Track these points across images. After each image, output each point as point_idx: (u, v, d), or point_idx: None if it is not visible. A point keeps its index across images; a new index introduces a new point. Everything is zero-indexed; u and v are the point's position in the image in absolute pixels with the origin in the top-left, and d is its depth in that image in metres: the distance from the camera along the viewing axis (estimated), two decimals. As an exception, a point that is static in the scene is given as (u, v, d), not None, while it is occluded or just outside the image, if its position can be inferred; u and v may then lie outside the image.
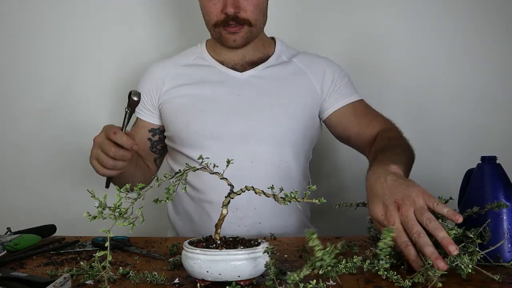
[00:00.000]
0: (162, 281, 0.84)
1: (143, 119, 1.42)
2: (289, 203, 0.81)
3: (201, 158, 0.87)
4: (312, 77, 1.38)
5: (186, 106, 1.34)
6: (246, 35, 1.31)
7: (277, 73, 1.37)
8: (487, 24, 1.67)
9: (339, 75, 1.40)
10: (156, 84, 1.39)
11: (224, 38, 1.32)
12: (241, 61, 1.38)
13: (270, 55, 1.40)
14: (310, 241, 0.75)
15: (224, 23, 1.29)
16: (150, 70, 1.43)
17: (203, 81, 1.36)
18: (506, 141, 1.65)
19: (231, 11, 1.26)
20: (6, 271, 0.84)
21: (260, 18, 1.32)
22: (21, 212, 1.72)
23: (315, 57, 1.43)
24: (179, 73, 1.39)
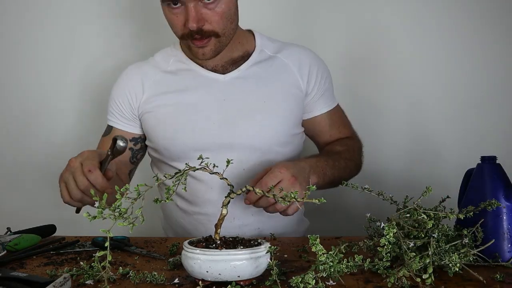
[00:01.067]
0: (162, 281, 0.84)
1: (120, 128, 1.34)
2: (288, 203, 0.80)
3: (200, 158, 0.87)
4: (298, 74, 1.33)
5: (170, 117, 1.28)
6: (215, 47, 1.23)
7: (261, 71, 1.31)
8: (487, 24, 1.67)
9: (322, 77, 1.35)
10: (134, 90, 1.32)
11: (193, 51, 1.24)
12: (220, 62, 1.31)
13: (250, 51, 1.34)
14: (313, 247, 0.75)
15: (189, 36, 1.21)
16: (126, 76, 1.35)
17: (185, 87, 1.29)
18: (506, 141, 1.65)
19: (194, 26, 1.17)
20: (6, 271, 0.84)
21: (228, 26, 1.23)
22: (21, 212, 1.72)
23: (301, 51, 1.36)
24: (159, 79, 1.32)
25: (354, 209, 1.64)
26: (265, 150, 1.28)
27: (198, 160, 1.20)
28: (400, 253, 0.85)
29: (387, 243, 0.81)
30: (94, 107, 1.74)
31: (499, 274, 0.83)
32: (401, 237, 0.84)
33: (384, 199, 0.94)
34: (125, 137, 1.04)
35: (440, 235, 0.86)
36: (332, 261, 0.78)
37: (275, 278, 0.77)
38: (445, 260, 0.82)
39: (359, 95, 1.58)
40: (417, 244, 0.84)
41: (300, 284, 0.75)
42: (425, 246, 0.85)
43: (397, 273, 0.79)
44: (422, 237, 0.86)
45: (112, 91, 1.36)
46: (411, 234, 0.87)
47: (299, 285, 0.75)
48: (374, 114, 1.70)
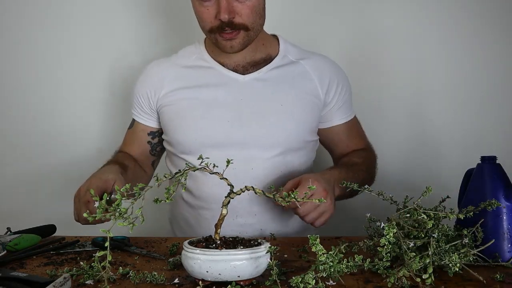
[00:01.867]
0: (162, 281, 0.84)
1: (141, 122, 1.38)
2: (289, 203, 0.81)
3: (200, 158, 0.87)
4: (318, 83, 1.33)
5: (186, 112, 1.29)
6: (243, 40, 1.24)
7: (282, 75, 1.32)
8: (487, 24, 1.67)
9: (342, 88, 1.37)
10: (154, 86, 1.34)
11: (221, 44, 1.25)
12: (242, 62, 1.32)
13: (273, 55, 1.35)
14: (313, 247, 0.76)
15: (219, 29, 1.22)
16: (147, 71, 1.38)
17: (203, 84, 1.31)
18: (506, 141, 1.65)
19: (226, 17, 1.19)
20: (6, 271, 0.84)
21: (257, 20, 1.25)
22: (21, 212, 1.72)
23: (324, 62, 1.38)
24: (179, 74, 1.34)
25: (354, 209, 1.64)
26: (275, 152, 1.28)
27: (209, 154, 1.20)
28: (400, 253, 0.85)
29: (387, 243, 0.81)
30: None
31: (499, 274, 0.83)
32: (401, 237, 0.84)
33: (384, 199, 0.94)
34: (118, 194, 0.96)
35: (440, 235, 0.86)
36: (332, 261, 0.78)
37: (275, 278, 0.77)
38: (445, 260, 0.82)
39: (359, 95, 1.57)
40: (417, 244, 0.84)
41: (300, 284, 0.75)
42: (425, 246, 0.85)
43: (397, 273, 0.79)
44: (422, 237, 0.86)
45: (134, 86, 1.39)
46: (411, 234, 0.87)
47: (299, 285, 0.75)
48: (374, 114, 1.70)
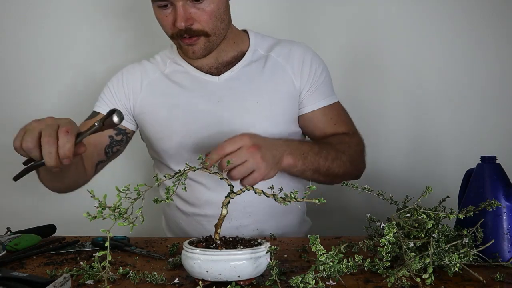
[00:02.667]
0: (162, 281, 0.84)
1: None
2: (289, 203, 0.81)
3: (200, 158, 0.87)
4: (291, 71, 1.31)
5: (168, 120, 1.28)
6: (205, 46, 1.23)
7: (254, 71, 1.31)
8: (487, 24, 1.67)
9: (317, 70, 1.33)
10: (133, 85, 1.33)
11: (184, 50, 1.25)
12: (215, 63, 1.31)
13: (244, 51, 1.34)
14: (313, 247, 0.76)
15: (179, 36, 1.21)
16: (126, 70, 1.36)
17: (181, 89, 1.30)
18: (506, 141, 1.65)
19: (182, 25, 1.18)
20: (6, 271, 0.84)
21: (219, 25, 1.23)
22: (21, 212, 1.72)
23: (294, 47, 1.34)
24: (156, 79, 1.33)
25: (354, 209, 1.64)
26: None
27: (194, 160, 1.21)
28: (400, 253, 0.85)
29: (387, 243, 0.81)
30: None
31: (499, 274, 0.83)
32: (401, 237, 0.84)
33: (384, 199, 0.94)
34: (123, 114, 0.95)
35: (440, 235, 0.86)
36: (332, 261, 0.78)
37: (275, 278, 0.77)
38: (445, 260, 0.82)
39: (359, 95, 1.58)
40: (417, 244, 0.84)
41: (300, 284, 0.75)
42: (425, 246, 0.85)
43: (397, 273, 0.79)
44: (422, 237, 0.86)
45: (109, 82, 1.36)
46: (411, 234, 0.87)
47: (299, 285, 0.75)
48: (374, 114, 1.70)
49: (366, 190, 0.97)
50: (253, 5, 1.70)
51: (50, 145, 0.90)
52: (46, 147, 0.90)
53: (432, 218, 0.87)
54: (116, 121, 0.93)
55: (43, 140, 0.91)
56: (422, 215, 0.87)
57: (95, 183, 1.25)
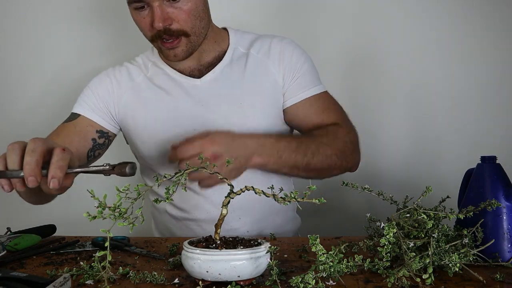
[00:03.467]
0: (162, 281, 0.84)
1: (89, 117, 1.28)
2: (289, 203, 0.80)
3: (200, 159, 0.87)
4: (272, 66, 1.28)
5: (153, 126, 1.27)
6: (186, 47, 1.21)
7: (236, 71, 1.28)
8: (487, 24, 1.67)
9: (297, 61, 1.29)
10: (117, 88, 1.30)
11: (165, 53, 1.22)
12: (197, 65, 1.29)
13: (225, 50, 1.31)
14: (313, 247, 0.76)
15: (158, 38, 1.18)
16: (108, 72, 1.33)
17: (164, 93, 1.28)
18: (506, 141, 1.65)
19: (160, 25, 1.15)
20: (6, 271, 0.84)
21: (198, 24, 1.20)
22: (21, 212, 1.72)
23: (273, 41, 1.31)
24: (141, 82, 1.30)
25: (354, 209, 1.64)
26: None
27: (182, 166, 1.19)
28: (400, 253, 0.85)
29: (387, 243, 0.81)
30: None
31: (499, 274, 0.83)
32: (401, 237, 0.84)
33: (384, 199, 0.94)
34: (135, 166, 0.91)
35: (440, 235, 0.86)
36: (332, 261, 0.78)
37: (275, 278, 0.77)
38: (445, 260, 0.82)
39: (359, 95, 1.58)
40: (417, 244, 0.84)
41: (300, 284, 0.75)
42: (425, 246, 0.85)
43: (397, 273, 0.79)
44: (422, 237, 0.86)
45: (90, 83, 1.32)
46: (411, 234, 0.87)
47: (299, 285, 0.75)
48: (374, 114, 1.70)
49: (366, 190, 0.97)
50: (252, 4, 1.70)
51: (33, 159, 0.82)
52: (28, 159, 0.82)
53: (432, 218, 0.87)
54: (128, 173, 0.89)
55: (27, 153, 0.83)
56: (422, 215, 0.87)
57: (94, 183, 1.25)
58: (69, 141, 1.23)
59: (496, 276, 0.83)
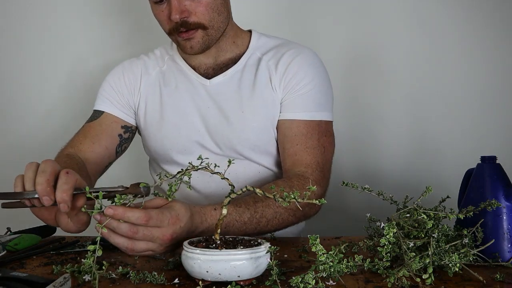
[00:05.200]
0: (162, 281, 0.84)
1: (113, 113, 1.30)
2: (288, 203, 0.80)
3: (200, 159, 0.87)
4: (275, 77, 1.25)
5: (160, 122, 1.28)
6: (202, 40, 1.20)
7: (245, 78, 1.27)
8: (487, 24, 1.67)
9: (302, 79, 1.23)
10: (134, 81, 1.31)
11: (181, 45, 1.23)
12: (213, 64, 1.29)
13: (242, 54, 1.30)
14: (313, 247, 0.76)
15: (176, 30, 1.19)
16: (125, 65, 1.34)
17: (174, 90, 1.29)
18: (506, 141, 1.65)
19: (177, 17, 1.15)
20: (6, 271, 0.84)
21: (216, 17, 1.20)
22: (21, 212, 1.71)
23: (288, 52, 1.26)
24: (155, 76, 1.32)
25: (354, 209, 1.64)
26: (246, 156, 1.27)
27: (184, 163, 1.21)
28: (400, 253, 0.85)
29: (387, 243, 0.81)
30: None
31: (499, 274, 0.83)
32: (401, 237, 0.84)
33: (384, 199, 0.94)
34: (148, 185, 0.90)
35: (440, 235, 0.86)
36: (332, 261, 0.78)
37: (275, 278, 0.77)
38: (445, 260, 0.82)
39: (359, 95, 1.58)
40: (417, 244, 0.84)
41: (300, 284, 0.75)
42: (425, 246, 0.85)
43: (397, 273, 0.79)
44: (422, 237, 0.86)
45: (108, 77, 1.34)
46: (411, 234, 0.87)
47: (299, 285, 0.75)
48: (374, 114, 1.70)
49: (366, 190, 0.97)
50: (253, 4, 1.70)
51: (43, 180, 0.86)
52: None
53: (432, 218, 0.87)
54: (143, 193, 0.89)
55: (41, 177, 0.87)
56: (422, 215, 0.87)
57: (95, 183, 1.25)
58: (97, 140, 1.26)
59: (496, 276, 0.83)
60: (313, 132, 1.21)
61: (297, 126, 1.22)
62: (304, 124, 1.22)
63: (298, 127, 1.22)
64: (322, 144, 1.21)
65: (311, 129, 1.21)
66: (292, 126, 1.22)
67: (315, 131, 1.21)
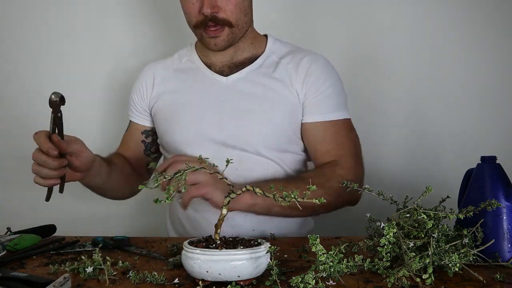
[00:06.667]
0: (162, 281, 0.84)
1: (135, 121, 1.41)
2: (288, 203, 0.80)
3: (200, 159, 0.87)
4: (297, 81, 1.30)
5: (172, 116, 1.32)
6: (227, 37, 1.26)
7: (262, 77, 1.31)
8: (487, 24, 1.67)
9: (323, 83, 1.29)
10: (146, 87, 1.38)
11: (205, 41, 1.27)
12: (229, 62, 1.33)
13: (259, 55, 1.34)
14: (313, 247, 0.76)
15: (203, 25, 1.24)
16: (142, 72, 1.42)
17: (189, 87, 1.33)
18: (506, 141, 1.65)
19: (208, 11, 1.21)
20: (6, 271, 0.84)
21: (242, 17, 1.26)
22: (21, 212, 1.72)
23: (306, 58, 1.32)
24: (168, 77, 1.37)
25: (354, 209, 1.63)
26: (257, 152, 1.28)
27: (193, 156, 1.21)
28: (400, 253, 0.85)
29: (387, 243, 0.81)
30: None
31: (499, 274, 0.83)
32: (401, 237, 0.84)
33: (384, 199, 0.94)
34: (59, 93, 1.02)
35: (440, 235, 0.86)
36: (332, 261, 0.78)
37: (275, 278, 0.77)
38: (445, 260, 0.82)
39: (359, 95, 1.58)
40: (417, 244, 0.84)
41: (300, 284, 0.75)
42: (425, 246, 0.85)
43: (397, 273, 0.79)
44: (422, 237, 0.86)
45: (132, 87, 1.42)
46: (411, 234, 0.87)
47: (299, 285, 0.75)
48: (374, 114, 1.70)
49: (366, 190, 0.97)
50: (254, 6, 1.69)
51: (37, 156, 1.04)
52: None
53: (432, 218, 0.87)
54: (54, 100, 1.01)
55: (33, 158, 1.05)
56: (422, 215, 0.87)
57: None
58: (128, 149, 1.40)
59: (496, 276, 0.83)
60: (341, 129, 1.30)
61: (326, 127, 1.29)
62: (331, 124, 1.29)
63: (327, 127, 1.29)
64: (351, 138, 1.31)
65: (338, 128, 1.30)
66: (321, 128, 1.29)
67: (342, 129, 1.30)
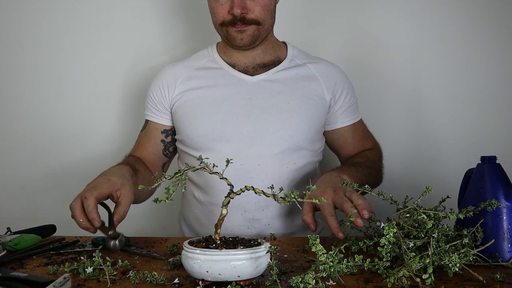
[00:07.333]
0: (162, 281, 0.84)
1: (154, 120, 1.41)
2: (289, 203, 0.81)
3: (200, 159, 0.87)
4: (324, 86, 1.37)
5: (197, 109, 1.33)
6: (253, 33, 1.31)
7: (290, 76, 1.36)
8: (487, 24, 1.67)
9: (347, 94, 1.40)
10: (167, 86, 1.39)
11: (231, 36, 1.31)
12: (251, 63, 1.37)
13: (282, 58, 1.40)
14: (313, 247, 0.76)
15: (231, 23, 1.29)
16: (162, 72, 1.43)
17: (214, 84, 1.35)
18: (506, 141, 1.65)
19: (238, 12, 1.26)
20: (6, 271, 0.84)
21: (268, 19, 1.32)
22: (21, 212, 1.72)
23: (331, 67, 1.42)
24: (191, 76, 1.38)
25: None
26: (281, 149, 1.30)
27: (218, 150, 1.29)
28: (400, 253, 0.85)
29: (387, 243, 0.81)
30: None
31: (499, 274, 0.83)
32: (401, 237, 0.84)
33: (384, 199, 0.94)
34: (123, 239, 1.09)
35: (440, 235, 0.86)
36: (332, 261, 0.78)
37: (275, 278, 0.77)
38: (445, 260, 0.82)
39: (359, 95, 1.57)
40: (417, 244, 0.84)
41: (300, 284, 0.75)
42: (425, 246, 0.85)
43: (397, 273, 0.79)
44: (422, 237, 0.86)
45: (149, 87, 1.43)
46: (411, 234, 0.87)
47: (299, 285, 0.75)
48: (374, 114, 1.70)
49: (366, 190, 0.97)
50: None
51: None
52: None
53: (432, 218, 0.87)
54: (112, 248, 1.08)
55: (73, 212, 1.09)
56: (422, 215, 0.87)
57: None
58: (144, 150, 1.41)
59: (496, 276, 0.83)
60: (364, 126, 1.48)
61: (355, 128, 1.44)
62: (358, 125, 1.45)
63: (356, 129, 1.44)
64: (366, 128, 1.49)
65: (362, 125, 1.47)
66: (351, 130, 1.43)
67: (364, 125, 1.48)
